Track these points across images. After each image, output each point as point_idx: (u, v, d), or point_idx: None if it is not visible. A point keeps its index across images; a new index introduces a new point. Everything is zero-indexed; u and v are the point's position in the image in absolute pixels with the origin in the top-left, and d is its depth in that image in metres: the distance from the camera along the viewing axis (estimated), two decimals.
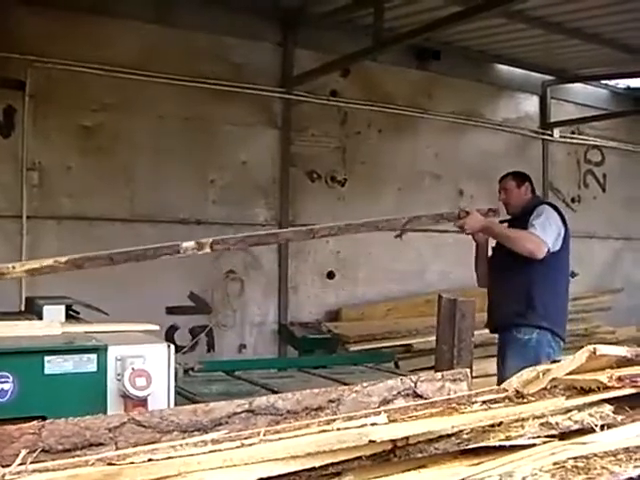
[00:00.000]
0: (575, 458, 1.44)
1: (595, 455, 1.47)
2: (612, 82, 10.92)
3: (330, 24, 8.14)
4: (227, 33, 7.77)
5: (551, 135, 10.53)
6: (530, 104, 10.47)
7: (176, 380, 3.23)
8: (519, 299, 5.10)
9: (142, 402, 2.91)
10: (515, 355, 5.06)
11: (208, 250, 4.54)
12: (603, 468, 1.40)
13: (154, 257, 4.79)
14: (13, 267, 3.79)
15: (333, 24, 8.14)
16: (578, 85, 10.76)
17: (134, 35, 7.28)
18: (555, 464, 1.41)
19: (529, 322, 5.12)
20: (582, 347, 2.15)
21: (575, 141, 10.87)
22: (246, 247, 6.51)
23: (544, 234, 5.08)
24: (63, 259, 3.91)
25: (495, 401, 2.03)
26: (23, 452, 1.57)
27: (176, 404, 3.05)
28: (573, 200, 10.92)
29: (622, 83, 10.99)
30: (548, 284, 5.19)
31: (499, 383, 2.43)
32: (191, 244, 4.30)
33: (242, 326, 8.06)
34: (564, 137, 10.68)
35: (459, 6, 6.78)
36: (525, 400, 2.02)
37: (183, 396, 4.17)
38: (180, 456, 1.48)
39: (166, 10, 7.42)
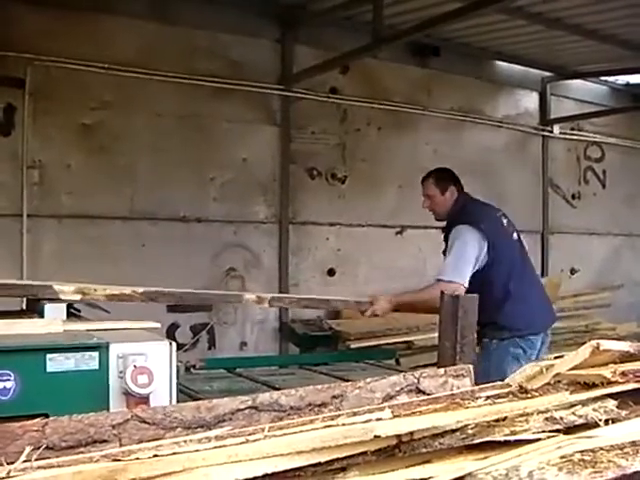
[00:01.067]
0: (582, 452, 1.44)
1: (602, 449, 1.47)
2: (612, 78, 10.91)
3: (329, 21, 8.14)
4: (226, 30, 7.77)
5: (551, 131, 10.53)
6: (530, 100, 10.47)
7: (178, 378, 3.22)
8: (479, 319, 4.95)
9: (144, 400, 2.91)
10: (482, 358, 4.83)
11: (266, 305, 4.83)
12: (610, 461, 1.40)
13: (220, 302, 5.64)
14: (95, 290, 3.91)
15: (332, 21, 8.14)
16: (578, 81, 10.75)
17: (133, 33, 7.28)
18: (562, 458, 1.41)
19: (492, 335, 4.98)
20: (584, 343, 2.16)
21: (575, 137, 10.87)
22: (300, 307, 6.76)
23: (455, 271, 4.88)
24: (140, 290, 4.03)
25: (499, 396, 2.03)
26: (27, 449, 1.57)
27: (178, 402, 3.05)
28: (573, 196, 10.93)
29: (622, 79, 10.98)
30: (497, 297, 4.97)
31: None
32: (252, 297, 4.59)
33: (243, 324, 8.06)
34: (564, 133, 10.68)
35: (458, 2, 6.77)
36: (529, 395, 2.02)
37: (185, 394, 4.18)
38: (185, 452, 1.47)
39: (165, 8, 7.41)
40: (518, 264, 5.21)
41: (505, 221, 5.37)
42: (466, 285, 4.83)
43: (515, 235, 5.36)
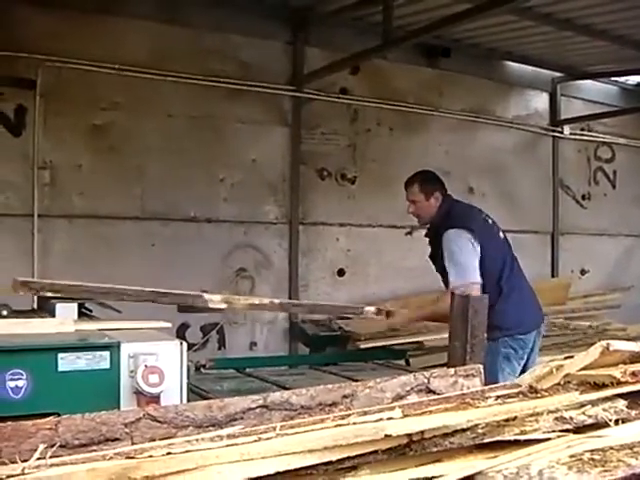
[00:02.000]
0: (591, 451, 1.45)
1: (611, 448, 1.47)
2: (622, 79, 10.87)
3: (340, 22, 8.14)
4: (237, 32, 7.78)
5: (561, 132, 10.50)
6: (540, 101, 10.45)
7: (188, 377, 3.24)
8: None
9: (155, 399, 2.92)
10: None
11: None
12: (619, 461, 1.40)
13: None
14: (238, 299, 4.39)
15: (343, 22, 8.14)
16: (588, 82, 10.72)
17: (144, 34, 7.29)
18: (571, 457, 1.41)
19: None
20: (594, 344, 2.16)
21: (585, 138, 10.83)
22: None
23: (464, 275, 4.87)
24: (277, 301, 4.67)
25: (509, 396, 2.04)
26: (41, 447, 1.58)
27: (188, 401, 3.07)
28: (583, 197, 10.90)
29: (632, 80, 10.94)
30: (491, 297, 4.81)
31: None
32: (372, 309, 4.94)
33: (253, 324, 8.06)
34: (574, 134, 10.65)
35: (468, 3, 6.77)
36: (539, 395, 2.02)
37: (195, 393, 4.19)
38: (197, 450, 1.48)
39: (176, 9, 7.42)
40: (507, 264, 5.18)
41: (490, 221, 5.34)
42: (479, 280, 4.85)
43: (501, 235, 5.33)
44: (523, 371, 4.90)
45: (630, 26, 8.03)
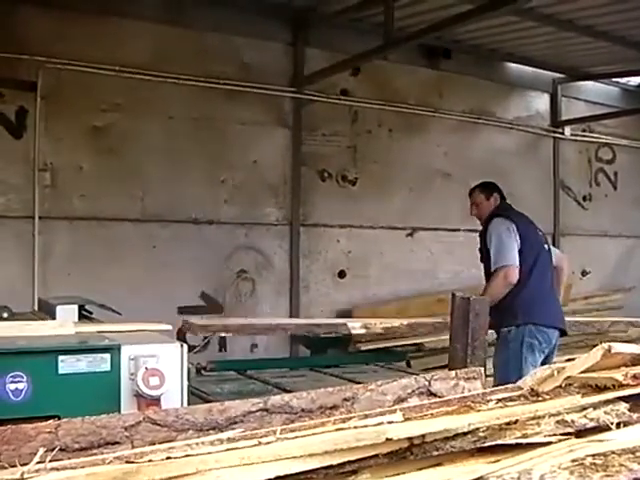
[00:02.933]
0: (593, 455, 1.44)
1: (613, 452, 1.46)
2: (623, 80, 10.88)
3: (340, 23, 8.14)
4: (238, 33, 7.78)
5: (562, 133, 10.51)
6: (541, 102, 10.45)
7: (189, 380, 3.23)
8: (498, 305, 5.20)
9: (155, 401, 2.91)
10: (500, 349, 5.42)
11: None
12: (621, 465, 1.39)
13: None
14: (375, 323, 4.85)
15: (343, 23, 8.14)
16: (589, 83, 10.73)
17: (145, 36, 7.30)
18: (573, 461, 1.40)
19: (508, 322, 5.36)
20: (595, 345, 2.15)
21: (586, 139, 10.84)
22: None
23: (503, 258, 5.38)
24: (405, 322, 5.13)
25: (510, 399, 2.03)
26: (41, 450, 1.57)
27: (189, 403, 3.06)
28: (584, 198, 10.90)
29: (633, 81, 10.95)
30: (519, 285, 5.38)
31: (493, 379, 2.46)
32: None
33: None
34: (575, 135, 10.65)
35: (469, 4, 6.77)
36: (540, 398, 2.02)
37: (196, 395, 4.18)
38: (197, 454, 1.48)
39: (177, 10, 7.43)
40: (541, 265, 5.61)
41: (539, 232, 5.89)
42: (517, 264, 5.36)
43: (546, 246, 5.84)
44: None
45: (631, 27, 8.04)
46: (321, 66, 7.99)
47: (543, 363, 5.28)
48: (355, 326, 4.65)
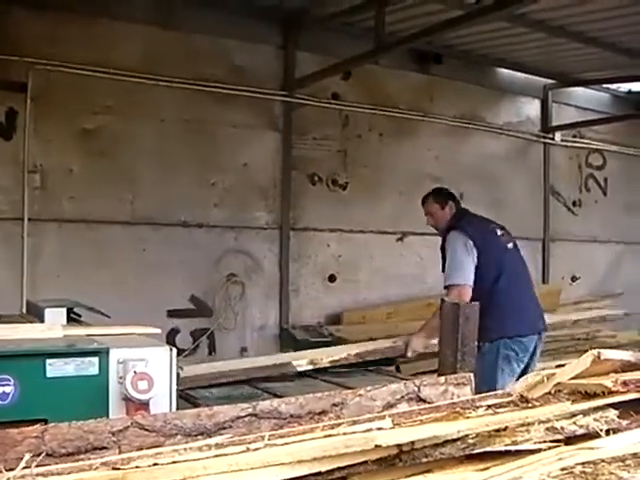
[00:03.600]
0: (583, 463, 1.44)
1: (603, 461, 1.46)
2: (614, 86, 10.91)
3: (332, 27, 8.13)
4: (229, 36, 7.76)
5: (552, 139, 10.52)
6: (531, 108, 10.47)
7: (178, 383, 3.22)
8: None
9: (144, 405, 2.90)
10: (478, 363, 5.14)
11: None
12: (611, 474, 1.39)
13: None
14: (322, 359, 4.87)
15: (335, 27, 8.14)
16: (579, 89, 10.75)
17: (136, 38, 7.27)
18: (563, 470, 1.40)
19: (483, 338, 5.06)
20: (585, 351, 2.15)
21: (576, 145, 10.85)
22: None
23: (456, 276, 5.27)
24: (353, 352, 5.18)
25: (500, 405, 2.03)
26: (27, 455, 1.56)
27: (178, 408, 3.05)
28: (574, 204, 10.92)
29: (624, 87, 10.98)
30: (483, 299, 4.97)
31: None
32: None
33: (243, 329, 8.04)
34: (565, 141, 10.66)
35: (461, 10, 6.78)
36: (530, 405, 2.02)
37: (185, 399, 4.16)
38: (185, 460, 1.47)
39: (168, 13, 7.41)
40: (508, 270, 5.47)
41: (500, 232, 5.72)
42: (470, 284, 5.19)
43: (510, 245, 5.67)
44: (523, 375, 4.99)
45: (622, 33, 8.05)
46: (312, 70, 7.98)
47: (524, 369, 5.24)
48: (301, 364, 4.69)
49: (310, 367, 4.68)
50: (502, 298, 5.25)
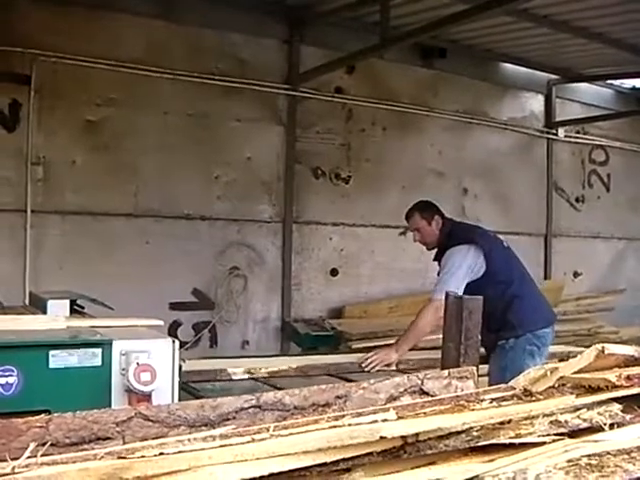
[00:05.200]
0: (588, 456, 1.44)
1: (608, 453, 1.46)
2: (617, 82, 10.89)
3: (336, 21, 8.12)
4: (233, 30, 7.76)
5: (556, 134, 10.51)
6: (535, 103, 10.45)
7: (180, 376, 3.22)
8: (489, 325, 4.92)
9: (146, 397, 2.90)
10: (497, 358, 5.21)
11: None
12: (617, 466, 1.39)
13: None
14: (260, 369, 4.75)
15: (339, 21, 8.13)
16: (583, 84, 10.73)
17: (140, 31, 7.27)
18: (568, 461, 1.40)
19: (506, 337, 5.20)
20: (587, 347, 2.15)
21: (580, 141, 10.84)
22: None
23: (443, 292, 5.06)
24: (294, 365, 4.92)
25: (504, 399, 2.03)
26: (32, 445, 1.56)
27: (180, 400, 3.05)
28: (577, 200, 10.90)
29: (627, 83, 10.96)
30: (504, 299, 5.22)
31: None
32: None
33: (245, 322, 8.05)
34: (569, 136, 10.65)
35: (465, 4, 6.76)
36: (534, 398, 2.01)
37: (187, 392, 4.16)
38: (190, 450, 1.47)
39: (172, 6, 7.40)
40: (515, 268, 5.50)
41: (492, 235, 5.73)
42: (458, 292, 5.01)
43: (505, 244, 5.67)
44: None
45: (626, 29, 8.04)
46: (316, 64, 7.97)
47: None
48: (237, 372, 4.67)
49: (246, 376, 4.65)
50: (520, 297, 5.28)
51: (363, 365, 5.08)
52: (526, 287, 5.45)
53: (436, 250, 5.61)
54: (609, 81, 10.83)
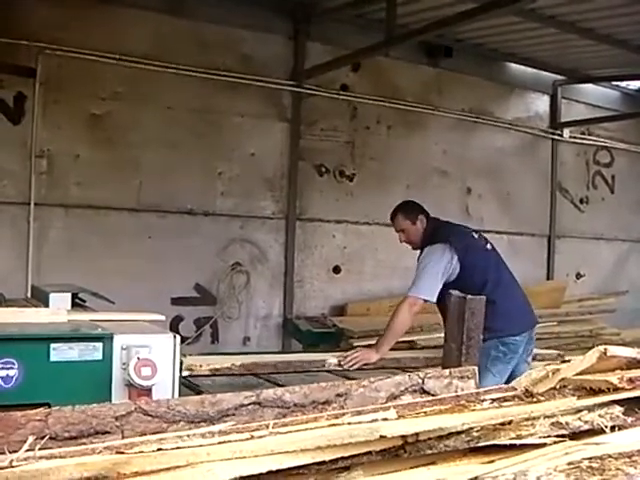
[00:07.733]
0: (589, 459, 1.43)
1: (609, 456, 1.46)
2: (623, 83, 10.87)
3: (342, 18, 8.11)
4: (239, 25, 7.75)
5: (561, 135, 10.48)
6: (541, 103, 10.43)
7: (180, 371, 3.22)
8: None
9: (147, 392, 2.91)
10: None
11: None
12: (618, 469, 1.39)
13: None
14: (200, 366, 4.60)
15: (345, 18, 8.12)
16: (589, 85, 10.71)
17: (146, 25, 7.26)
18: (569, 464, 1.39)
19: None
20: (589, 348, 2.14)
21: (585, 142, 10.82)
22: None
23: (421, 288, 5.19)
24: (238, 363, 4.75)
25: (505, 399, 2.02)
26: (30, 438, 1.56)
27: (180, 395, 3.05)
28: (581, 201, 10.88)
29: (634, 84, 10.94)
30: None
31: None
32: (334, 360, 5.14)
33: (247, 318, 8.05)
34: (574, 137, 10.63)
35: (472, 3, 6.74)
36: (535, 399, 2.01)
37: (187, 387, 4.17)
38: (189, 446, 1.46)
39: (179, 1, 7.40)
40: (492, 271, 5.41)
41: (476, 235, 5.67)
42: (432, 300, 5.15)
43: (489, 246, 5.61)
44: (511, 374, 4.99)
45: (633, 31, 8.02)
46: (321, 60, 7.95)
47: (513, 371, 5.20)
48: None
49: (186, 373, 4.57)
50: (490, 300, 5.14)
51: (342, 363, 5.06)
52: (501, 292, 5.30)
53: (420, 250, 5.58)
54: (615, 82, 10.80)
